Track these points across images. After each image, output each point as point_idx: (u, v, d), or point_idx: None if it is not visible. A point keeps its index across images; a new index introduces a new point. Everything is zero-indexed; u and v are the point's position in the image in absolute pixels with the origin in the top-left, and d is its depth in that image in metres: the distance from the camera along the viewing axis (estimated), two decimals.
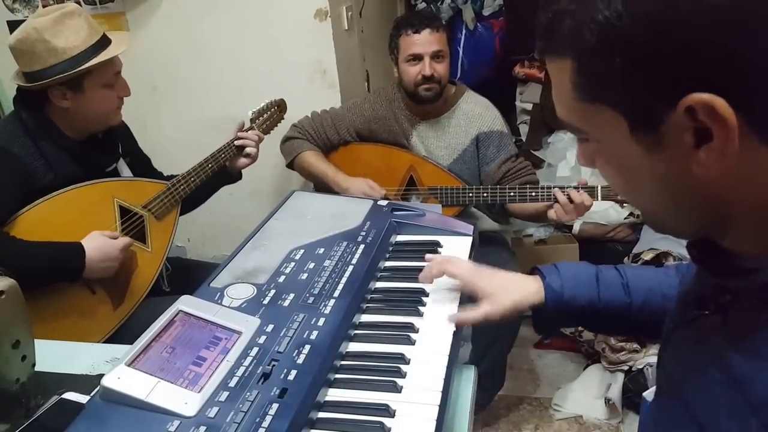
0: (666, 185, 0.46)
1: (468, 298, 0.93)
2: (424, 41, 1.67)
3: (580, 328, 2.10)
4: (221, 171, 1.58)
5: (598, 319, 0.82)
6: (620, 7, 0.40)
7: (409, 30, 1.69)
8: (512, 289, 0.85)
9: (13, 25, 2.01)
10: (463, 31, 2.91)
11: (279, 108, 1.76)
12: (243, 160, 1.61)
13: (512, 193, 1.62)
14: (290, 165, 1.85)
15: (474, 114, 1.76)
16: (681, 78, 0.40)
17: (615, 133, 0.45)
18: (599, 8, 0.41)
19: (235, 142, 1.58)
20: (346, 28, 2.12)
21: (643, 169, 0.46)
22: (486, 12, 2.93)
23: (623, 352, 1.81)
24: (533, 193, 1.59)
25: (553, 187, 1.55)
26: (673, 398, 0.55)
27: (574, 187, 1.53)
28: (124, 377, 0.69)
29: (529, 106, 2.87)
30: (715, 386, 0.48)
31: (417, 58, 1.68)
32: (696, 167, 0.42)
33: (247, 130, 1.62)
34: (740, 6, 0.39)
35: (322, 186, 1.78)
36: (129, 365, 0.70)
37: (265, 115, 1.70)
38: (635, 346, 1.80)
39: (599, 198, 1.54)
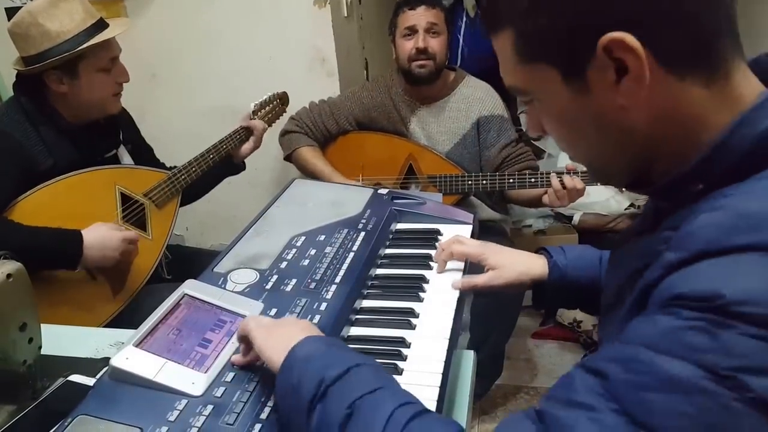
0: (601, 125, 0.52)
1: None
2: (419, 15, 1.68)
3: (579, 318, 2.13)
4: (225, 162, 1.58)
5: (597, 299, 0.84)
6: None
7: (405, 8, 1.71)
8: (518, 262, 0.92)
9: (11, 12, 2.00)
10: (464, 19, 2.90)
11: (281, 101, 1.77)
12: (246, 146, 1.61)
13: (511, 180, 1.63)
14: (288, 158, 1.85)
15: (474, 98, 1.76)
16: (596, 24, 0.48)
17: (552, 86, 0.52)
18: None
19: (242, 124, 1.60)
20: (346, 15, 2.12)
21: (579, 113, 0.52)
22: None
23: None
24: (532, 179, 1.60)
25: (551, 173, 1.56)
26: (613, 313, 0.61)
27: (566, 173, 1.54)
28: (133, 357, 0.70)
29: None
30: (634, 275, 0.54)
31: (412, 31, 1.69)
32: (621, 98, 0.49)
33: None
34: None
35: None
36: (137, 346, 0.72)
37: (267, 108, 1.70)
38: None
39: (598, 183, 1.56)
